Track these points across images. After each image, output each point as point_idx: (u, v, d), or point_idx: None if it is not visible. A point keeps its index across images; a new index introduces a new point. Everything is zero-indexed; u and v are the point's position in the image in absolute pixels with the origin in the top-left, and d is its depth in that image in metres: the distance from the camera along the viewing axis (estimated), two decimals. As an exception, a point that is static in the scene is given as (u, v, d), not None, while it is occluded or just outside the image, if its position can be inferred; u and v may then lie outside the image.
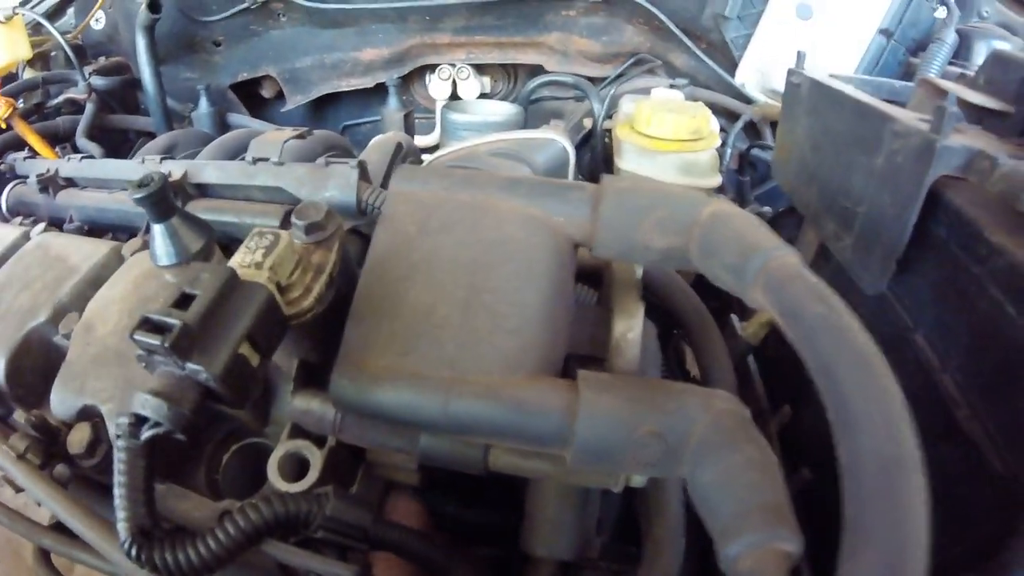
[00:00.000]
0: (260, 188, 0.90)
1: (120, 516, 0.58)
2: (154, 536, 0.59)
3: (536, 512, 0.77)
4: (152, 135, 1.85)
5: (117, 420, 0.59)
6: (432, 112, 2.21)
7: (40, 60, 2.03)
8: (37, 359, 0.83)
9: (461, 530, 0.88)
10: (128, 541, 0.58)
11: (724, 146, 1.65)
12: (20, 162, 1.24)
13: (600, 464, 0.60)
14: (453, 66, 2.16)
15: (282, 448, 0.72)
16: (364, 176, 0.84)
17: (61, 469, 0.76)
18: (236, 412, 0.72)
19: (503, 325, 0.66)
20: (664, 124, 1.35)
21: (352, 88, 2.19)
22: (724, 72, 1.83)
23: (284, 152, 0.96)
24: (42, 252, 0.93)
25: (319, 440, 0.73)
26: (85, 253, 0.91)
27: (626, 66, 1.96)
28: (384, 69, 2.16)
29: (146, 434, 0.57)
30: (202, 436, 0.79)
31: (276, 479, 0.70)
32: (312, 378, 0.76)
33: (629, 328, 0.71)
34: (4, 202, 1.20)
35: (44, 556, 0.86)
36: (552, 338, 0.67)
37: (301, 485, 0.70)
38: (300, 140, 1.01)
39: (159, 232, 0.71)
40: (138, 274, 0.84)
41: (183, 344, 0.55)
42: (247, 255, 0.64)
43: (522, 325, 0.66)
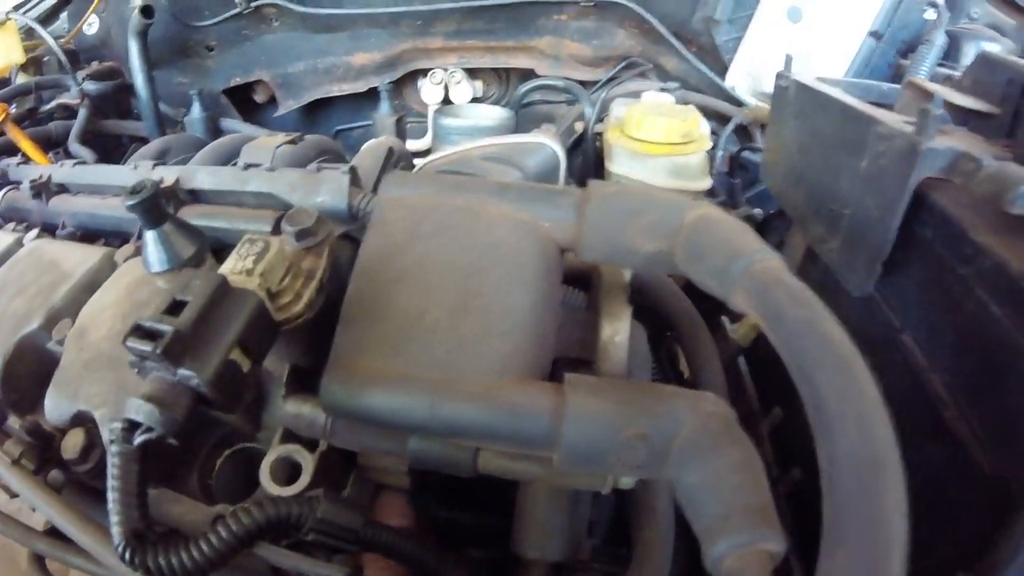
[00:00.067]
0: (252, 194, 0.90)
1: (114, 520, 0.59)
2: (148, 540, 0.60)
3: (526, 514, 0.77)
4: (145, 140, 1.85)
5: (110, 425, 0.59)
6: (424, 116, 2.20)
7: (33, 65, 2.03)
8: (31, 365, 0.83)
9: (452, 532, 0.88)
10: (122, 545, 0.58)
11: (715, 149, 1.65)
12: (13, 168, 1.23)
13: (587, 466, 0.61)
14: (445, 70, 2.16)
15: (274, 452, 0.73)
16: (355, 181, 0.85)
17: (55, 474, 0.76)
18: (228, 417, 0.72)
19: (492, 329, 0.66)
20: (654, 128, 1.35)
21: (344, 93, 2.20)
22: (715, 75, 1.83)
23: (276, 158, 0.96)
24: (35, 258, 0.94)
25: (311, 444, 0.74)
26: (78, 259, 0.91)
27: (617, 70, 1.97)
28: (376, 74, 2.17)
29: (139, 439, 0.58)
30: (195, 441, 0.79)
31: (268, 483, 0.71)
32: (303, 383, 0.76)
33: (616, 331, 0.72)
34: (-3, 208, 1.19)
35: (38, 561, 0.86)
36: (540, 341, 0.68)
37: (293, 489, 0.70)
38: (292, 145, 1.02)
39: (151, 239, 0.72)
40: (130, 280, 0.84)
41: (175, 350, 0.55)
42: (238, 262, 0.65)
43: (510, 329, 0.66)
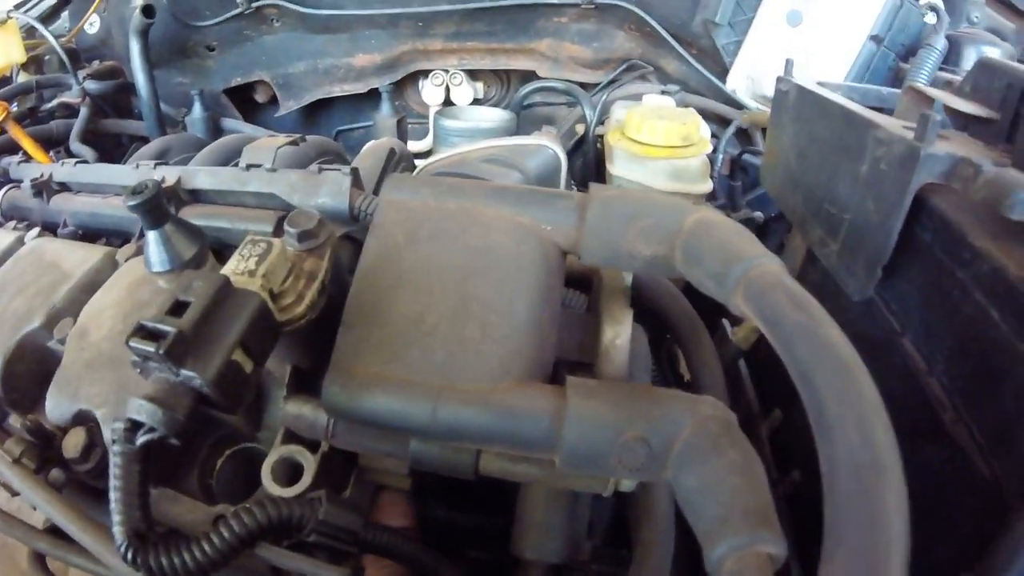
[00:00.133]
0: (253, 194, 0.90)
1: (116, 520, 0.59)
2: (149, 540, 0.60)
3: (526, 516, 0.77)
4: (145, 139, 1.85)
5: (112, 425, 0.59)
6: (425, 118, 2.20)
7: (34, 64, 2.03)
8: (31, 364, 0.83)
9: (452, 533, 0.88)
10: (124, 544, 0.58)
11: (715, 152, 1.66)
12: (14, 166, 1.23)
13: (588, 468, 0.61)
14: (446, 72, 2.17)
15: (275, 453, 0.73)
16: (356, 183, 0.85)
17: (56, 473, 0.76)
18: (229, 417, 0.72)
19: (492, 332, 0.66)
20: (655, 130, 1.36)
21: (345, 93, 2.20)
22: (715, 78, 1.84)
23: (277, 158, 0.96)
24: (36, 257, 0.93)
25: (312, 445, 0.74)
26: (79, 259, 0.91)
27: (618, 72, 1.97)
28: (377, 75, 2.17)
29: (141, 439, 0.58)
30: (196, 441, 0.79)
31: (270, 484, 0.71)
32: (304, 384, 0.76)
33: (617, 334, 0.72)
34: (-2, 207, 1.19)
35: (39, 560, 0.86)
36: (540, 345, 0.68)
37: (294, 490, 0.70)
38: (293, 146, 1.02)
39: (153, 239, 0.72)
40: (132, 280, 0.84)
41: (177, 351, 0.55)
42: (240, 263, 0.65)
43: (510, 332, 0.66)
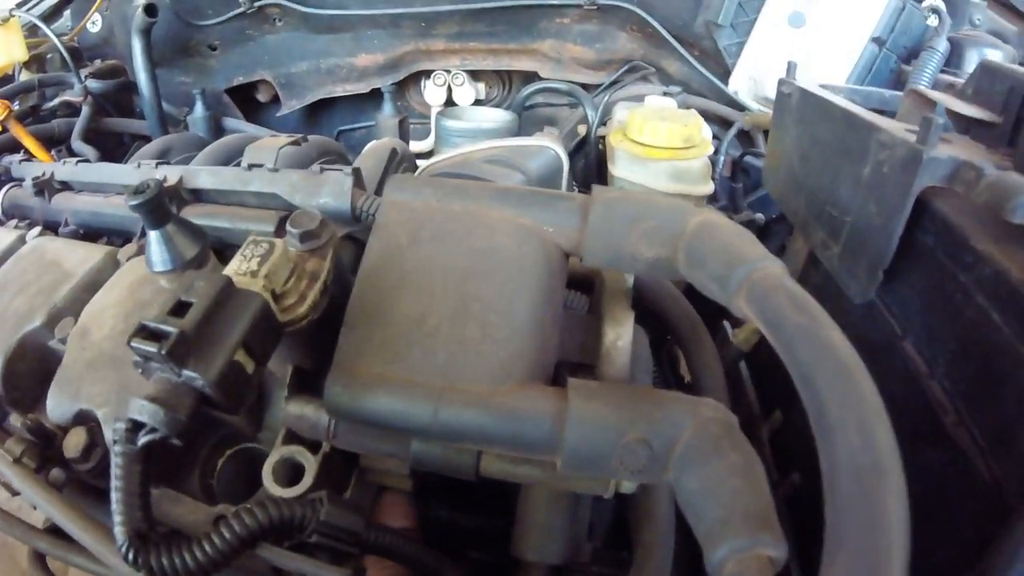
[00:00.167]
0: (255, 194, 0.90)
1: (117, 520, 0.59)
2: (150, 540, 0.60)
3: (527, 517, 0.77)
4: (147, 138, 1.85)
5: (114, 425, 0.59)
6: (427, 118, 2.21)
7: (36, 62, 2.02)
8: (32, 363, 0.83)
9: (453, 534, 0.88)
10: (125, 545, 0.58)
11: (717, 153, 1.66)
12: (15, 165, 1.23)
13: (589, 470, 0.61)
14: (448, 72, 2.17)
15: (277, 453, 0.73)
16: (358, 183, 0.84)
17: (56, 473, 0.75)
18: (231, 418, 0.72)
19: (493, 334, 0.66)
20: (657, 132, 1.36)
21: (347, 93, 2.20)
22: (717, 80, 1.84)
23: (279, 158, 0.96)
24: (37, 256, 0.93)
25: (313, 446, 0.73)
26: (80, 258, 0.90)
27: (620, 73, 1.97)
28: (379, 75, 2.17)
29: (142, 439, 0.58)
30: (197, 441, 0.79)
31: (271, 484, 0.70)
32: (306, 384, 0.76)
33: (619, 336, 0.72)
34: (-1, 205, 1.20)
35: (39, 559, 0.86)
36: (542, 346, 0.68)
37: (295, 490, 0.70)
38: (295, 146, 1.02)
39: (155, 238, 0.72)
40: (133, 280, 0.84)
41: (179, 351, 0.55)
42: (242, 263, 0.65)
43: (512, 334, 0.66)
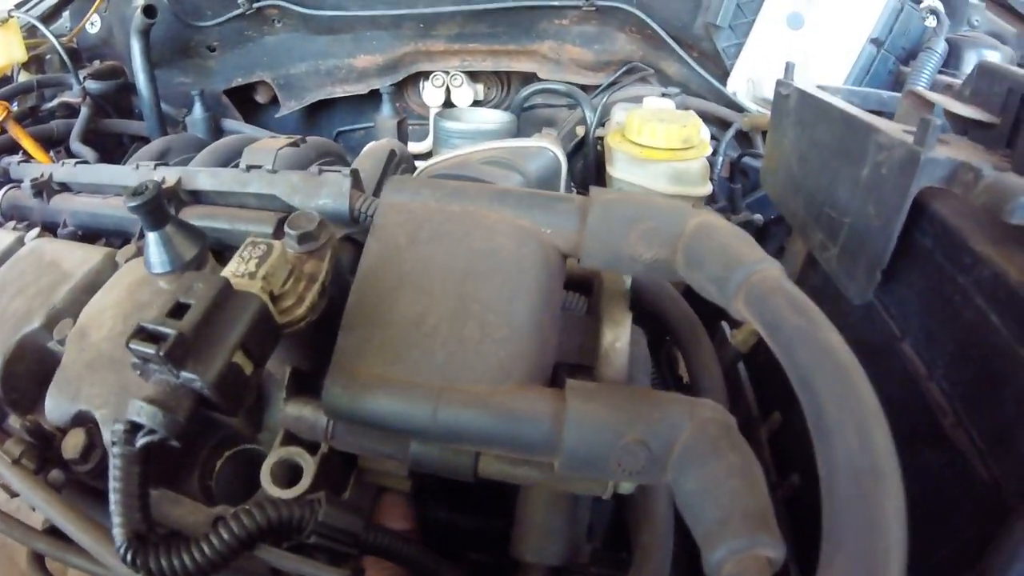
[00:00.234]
0: (254, 195, 0.90)
1: (116, 521, 0.59)
2: (149, 541, 0.60)
3: (526, 518, 0.77)
4: (146, 139, 1.85)
5: (112, 427, 0.59)
6: (426, 119, 2.20)
7: (35, 63, 2.02)
8: (31, 365, 0.83)
9: (452, 536, 0.88)
10: (124, 546, 0.58)
11: (715, 155, 1.66)
12: (14, 166, 1.23)
13: (587, 471, 0.61)
14: (447, 73, 2.17)
15: (275, 455, 0.73)
16: (357, 184, 0.85)
17: (55, 474, 0.76)
18: (229, 419, 0.72)
19: (492, 335, 0.66)
20: (655, 133, 1.36)
21: (346, 94, 2.20)
22: (716, 81, 1.84)
23: (278, 159, 0.96)
24: (36, 257, 0.93)
25: (312, 447, 0.74)
26: (79, 259, 0.90)
27: (618, 74, 1.97)
28: (378, 76, 2.17)
29: (141, 441, 0.58)
30: (196, 442, 0.79)
31: (269, 485, 0.70)
32: (304, 386, 0.76)
33: (617, 337, 0.72)
34: (-2, 206, 1.19)
35: (38, 560, 0.86)
36: (540, 347, 0.68)
37: (294, 491, 0.70)
38: (294, 148, 1.02)
39: (153, 240, 0.72)
40: (132, 281, 0.84)
41: (178, 353, 0.55)
42: (240, 264, 0.65)
43: (511, 335, 0.66)
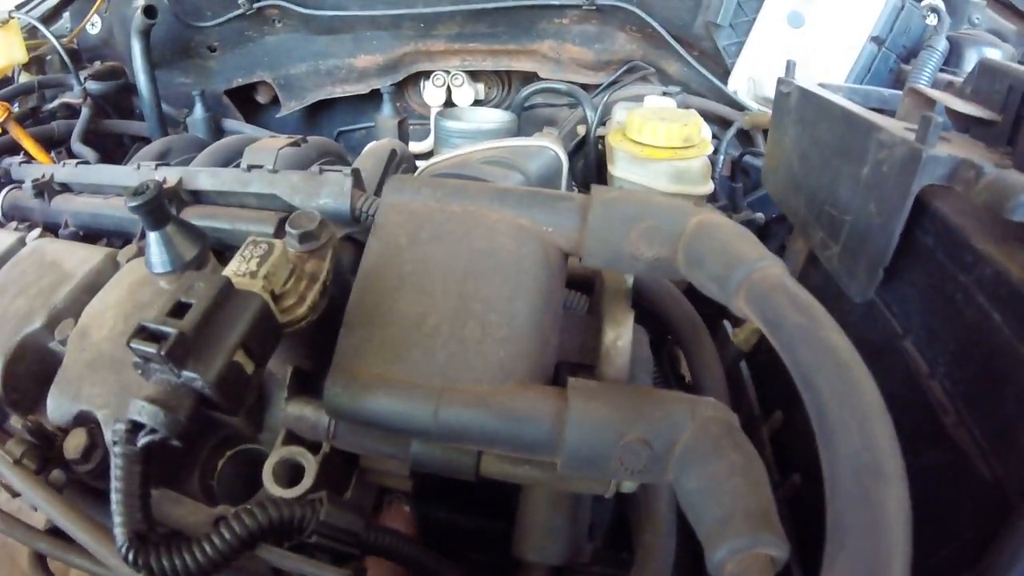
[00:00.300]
0: (254, 195, 0.90)
1: (117, 521, 0.59)
2: (150, 541, 0.60)
3: (527, 518, 0.78)
4: (147, 140, 1.85)
5: (114, 427, 0.59)
6: (426, 119, 2.20)
7: (36, 64, 2.02)
8: (32, 365, 0.83)
9: (453, 535, 0.88)
10: (125, 545, 0.58)
11: (716, 153, 1.66)
12: (15, 167, 1.23)
13: (589, 470, 0.61)
14: (447, 73, 2.17)
15: (277, 454, 0.73)
16: (358, 184, 0.85)
17: (57, 474, 0.76)
18: (231, 419, 0.72)
19: (493, 334, 0.66)
20: (656, 132, 1.35)
21: (347, 94, 2.20)
22: (716, 80, 1.84)
23: (278, 159, 0.96)
24: (37, 258, 0.93)
25: (313, 446, 0.74)
26: (80, 259, 0.91)
27: (619, 73, 1.97)
28: (378, 76, 2.17)
29: (142, 440, 0.58)
30: (197, 442, 0.79)
31: (271, 485, 0.71)
32: (306, 385, 0.76)
33: (618, 336, 0.72)
34: (-1, 207, 1.20)
35: (40, 560, 0.86)
36: (541, 346, 0.68)
37: (295, 491, 0.70)
38: (294, 147, 1.02)
39: (154, 240, 0.72)
40: (133, 281, 0.84)
41: (179, 352, 0.55)
42: (242, 264, 0.65)
43: (512, 334, 0.66)
